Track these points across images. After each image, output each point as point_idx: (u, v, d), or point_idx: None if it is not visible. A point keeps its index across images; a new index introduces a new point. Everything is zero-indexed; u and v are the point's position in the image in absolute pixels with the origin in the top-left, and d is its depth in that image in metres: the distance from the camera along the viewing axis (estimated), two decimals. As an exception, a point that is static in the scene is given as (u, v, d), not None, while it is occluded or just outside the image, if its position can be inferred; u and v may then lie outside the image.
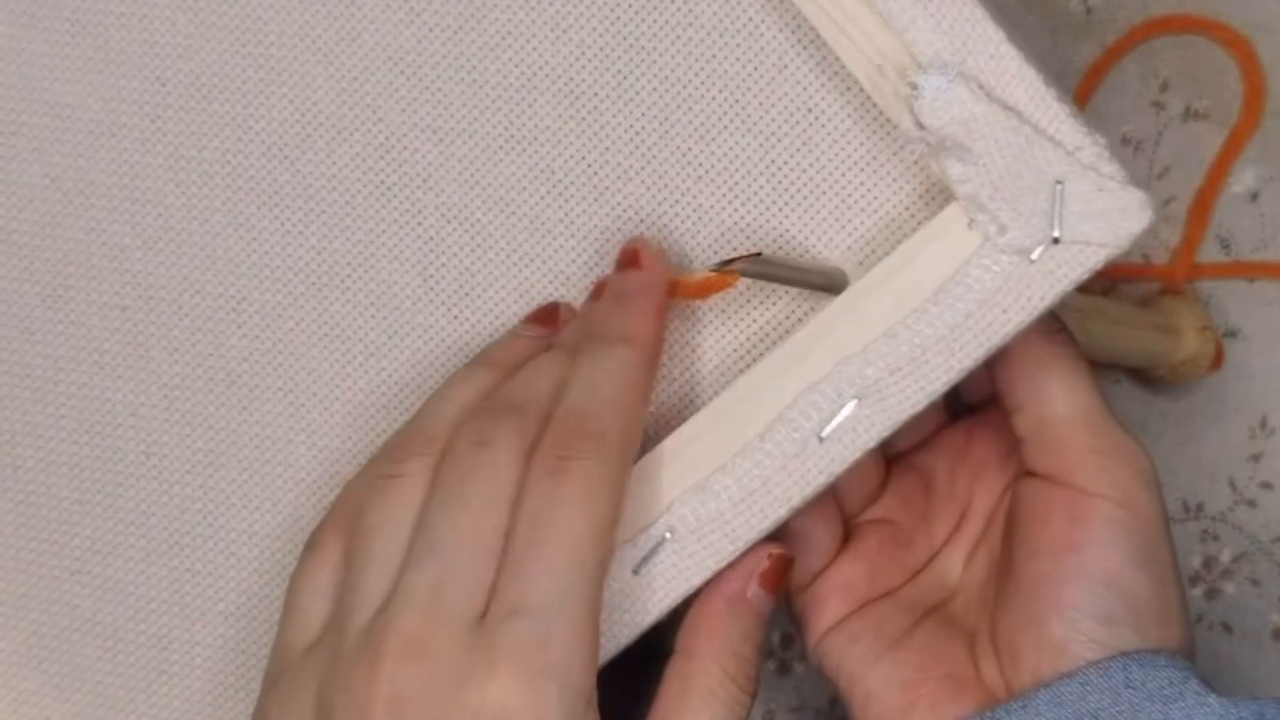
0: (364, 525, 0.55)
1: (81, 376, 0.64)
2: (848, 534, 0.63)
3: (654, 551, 0.57)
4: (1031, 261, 0.54)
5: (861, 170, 0.59)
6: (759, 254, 0.58)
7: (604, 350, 0.57)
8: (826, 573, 0.62)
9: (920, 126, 0.54)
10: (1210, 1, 0.67)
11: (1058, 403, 0.58)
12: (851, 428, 0.56)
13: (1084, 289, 0.56)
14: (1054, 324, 0.59)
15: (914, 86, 0.54)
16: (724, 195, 0.60)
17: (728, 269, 0.58)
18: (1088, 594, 0.57)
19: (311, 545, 0.57)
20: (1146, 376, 0.70)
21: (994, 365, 0.59)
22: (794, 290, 0.59)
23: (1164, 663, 0.55)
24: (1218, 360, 0.68)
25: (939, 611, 0.62)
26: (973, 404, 0.65)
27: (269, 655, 0.57)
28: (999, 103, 0.54)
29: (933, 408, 0.63)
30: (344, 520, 0.57)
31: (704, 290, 0.59)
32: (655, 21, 0.60)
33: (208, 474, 0.64)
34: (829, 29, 0.55)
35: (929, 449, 0.65)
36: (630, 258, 0.59)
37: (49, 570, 0.65)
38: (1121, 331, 0.67)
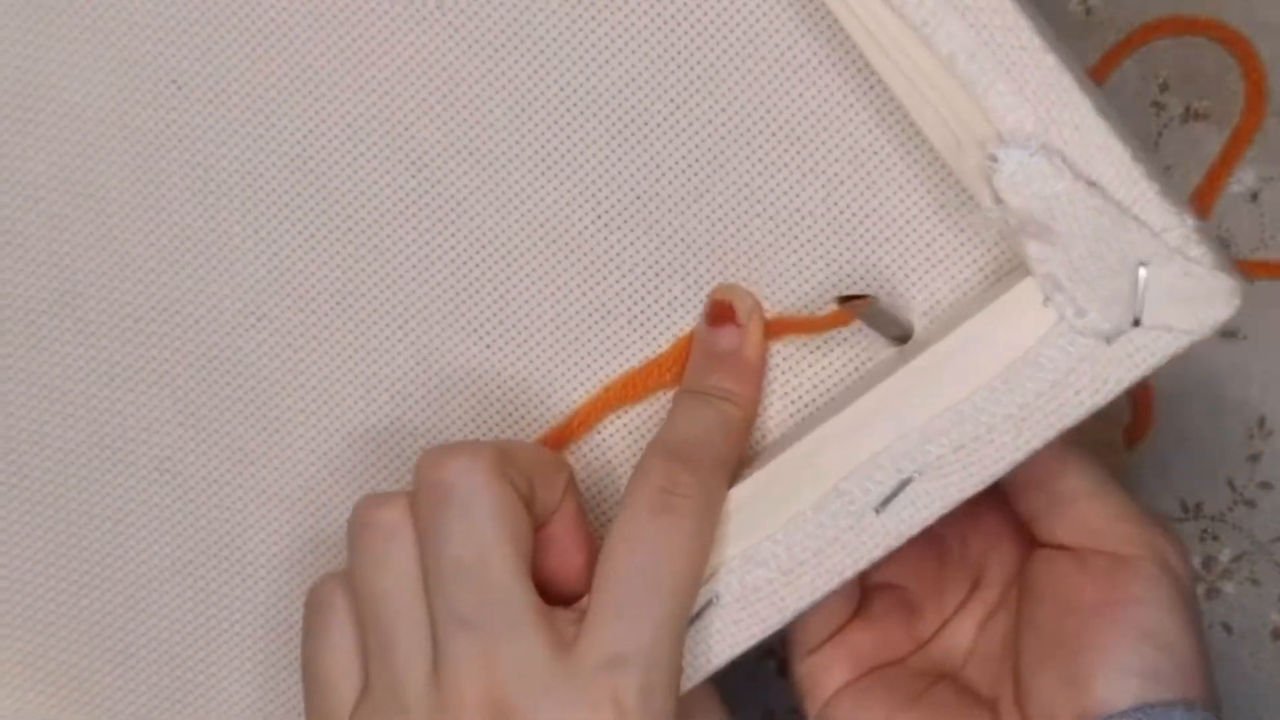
0: (368, 594, 0.54)
1: (91, 387, 0.61)
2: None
3: (699, 616, 0.55)
4: (1110, 345, 0.51)
5: (930, 219, 0.56)
6: (874, 298, 0.56)
7: (700, 401, 0.56)
8: (835, 638, 0.61)
9: (999, 201, 0.51)
10: (1210, 1, 0.66)
11: (1075, 478, 0.57)
12: (910, 503, 0.53)
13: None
14: None
15: (993, 159, 0.51)
16: (782, 234, 0.57)
17: (848, 308, 0.55)
18: (1131, 651, 0.55)
19: (317, 605, 0.55)
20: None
21: None
22: (850, 346, 0.57)
23: (1179, 716, 0.54)
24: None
25: (950, 680, 0.60)
26: None
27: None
28: (1083, 179, 0.50)
29: None
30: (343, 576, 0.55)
31: (814, 327, 0.57)
32: (713, 50, 0.56)
33: (225, 494, 0.61)
34: (907, 92, 0.52)
35: None
36: (722, 312, 0.57)
37: (57, 582, 0.63)
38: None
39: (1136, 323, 0.51)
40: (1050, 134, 0.51)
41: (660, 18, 0.56)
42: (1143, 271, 0.51)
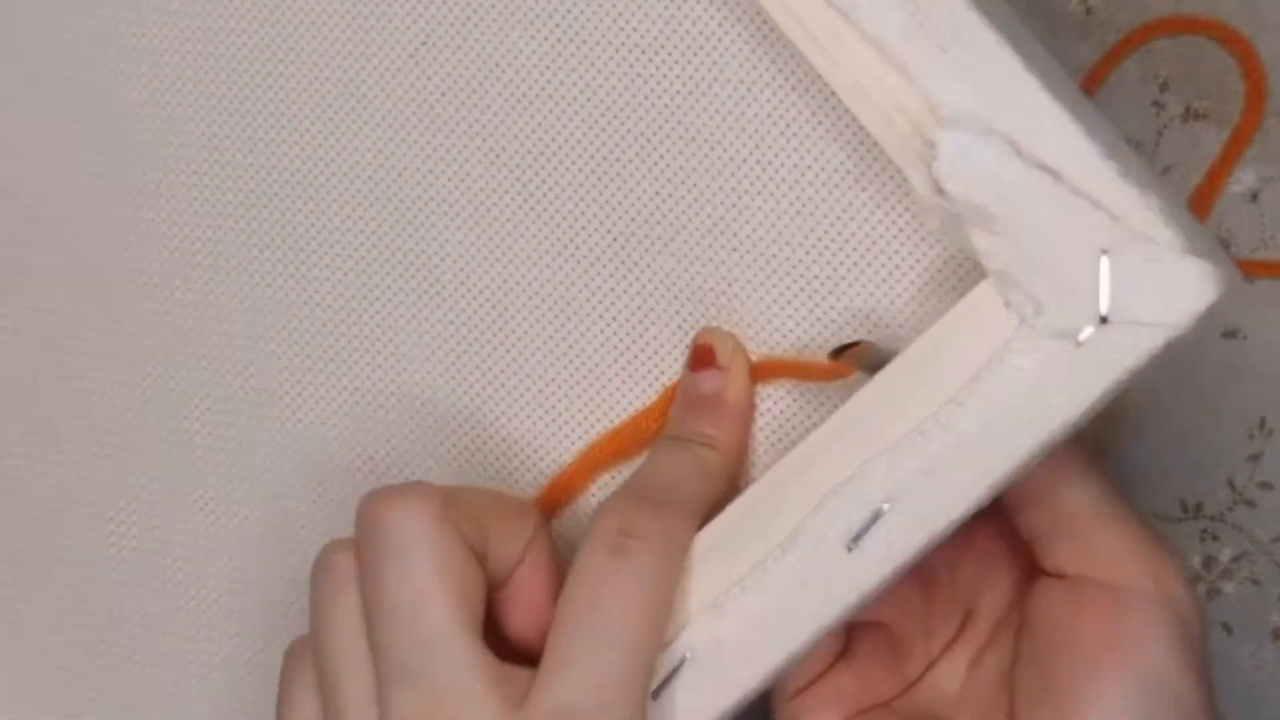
0: (318, 642, 0.51)
1: (90, 470, 0.62)
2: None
3: (673, 675, 0.50)
4: (1078, 345, 0.46)
5: (910, 238, 0.52)
6: (870, 342, 0.52)
7: (677, 446, 0.53)
8: (819, 680, 0.56)
9: (939, 192, 0.47)
10: (1210, 1, 0.65)
11: (1075, 492, 0.52)
12: (884, 538, 0.48)
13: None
14: None
15: (931, 145, 0.47)
16: (761, 268, 0.53)
17: (845, 360, 0.51)
18: (1129, 694, 0.50)
19: (290, 652, 0.53)
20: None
21: None
22: (844, 384, 0.53)
23: None
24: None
25: None
26: None
27: None
28: (1033, 161, 0.46)
29: None
30: None
31: (810, 376, 0.54)
32: (674, 81, 0.54)
33: (209, 545, 0.61)
34: (848, 91, 0.48)
35: None
36: (703, 356, 0.54)
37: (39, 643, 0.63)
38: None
39: (1104, 320, 0.46)
40: (994, 114, 0.46)
41: (623, 49, 0.54)
42: (1104, 260, 0.46)
